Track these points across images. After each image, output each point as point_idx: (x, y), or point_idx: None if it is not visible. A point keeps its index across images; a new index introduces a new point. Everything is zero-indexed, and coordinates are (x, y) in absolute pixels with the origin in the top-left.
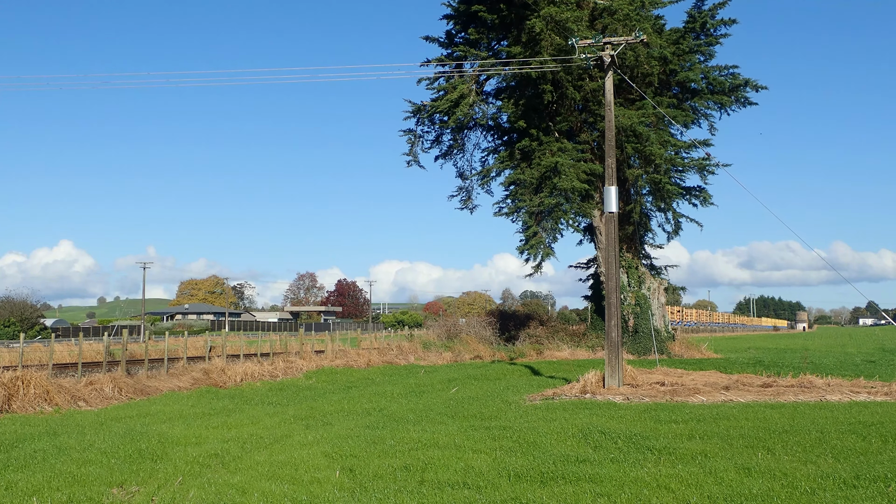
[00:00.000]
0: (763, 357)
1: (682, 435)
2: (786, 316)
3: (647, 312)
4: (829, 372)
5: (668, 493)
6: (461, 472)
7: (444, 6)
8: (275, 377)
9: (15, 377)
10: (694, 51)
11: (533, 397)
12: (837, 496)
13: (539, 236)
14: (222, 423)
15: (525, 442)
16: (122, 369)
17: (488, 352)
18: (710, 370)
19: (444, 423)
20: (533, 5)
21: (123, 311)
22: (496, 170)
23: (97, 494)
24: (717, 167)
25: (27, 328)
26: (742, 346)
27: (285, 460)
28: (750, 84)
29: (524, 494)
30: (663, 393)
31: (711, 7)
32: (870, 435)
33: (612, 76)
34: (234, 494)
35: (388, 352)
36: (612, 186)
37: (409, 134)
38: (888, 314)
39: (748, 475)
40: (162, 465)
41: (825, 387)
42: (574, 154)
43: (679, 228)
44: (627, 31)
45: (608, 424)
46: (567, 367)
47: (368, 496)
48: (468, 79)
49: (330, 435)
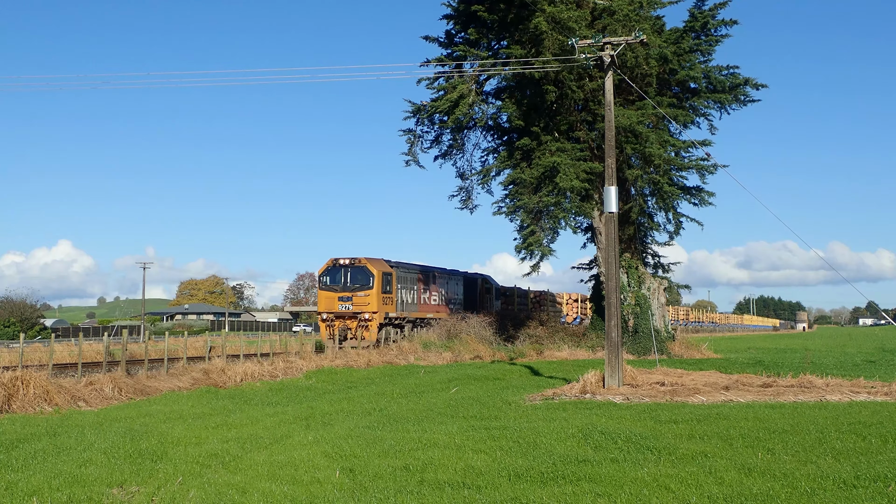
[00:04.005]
0: (763, 357)
1: (682, 435)
2: (786, 316)
3: (647, 312)
4: (829, 372)
5: (668, 493)
6: (461, 472)
7: (444, 6)
8: (275, 377)
9: (15, 377)
10: (694, 50)
11: (533, 397)
12: (837, 496)
13: (537, 235)
14: (222, 423)
15: (525, 442)
16: (122, 369)
17: (488, 352)
18: (709, 370)
19: (444, 423)
20: (533, 5)
21: (123, 311)
22: (496, 169)
23: (97, 494)
24: (716, 167)
25: (27, 328)
26: (742, 346)
27: (285, 460)
28: (750, 83)
29: (524, 494)
30: (663, 393)
31: (712, 7)
32: (870, 435)
33: (612, 76)
34: (233, 494)
35: (388, 352)
36: (612, 186)
37: (408, 134)
38: (888, 314)
39: (748, 475)
40: (162, 465)
41: (825, 387)
42: (574, 154)
43: (680, 228)
44: (627, 31)
45: (608, 424)
46: (567, 367)
47: (368, 496)
48: (468, 79)
49: (330, 435)
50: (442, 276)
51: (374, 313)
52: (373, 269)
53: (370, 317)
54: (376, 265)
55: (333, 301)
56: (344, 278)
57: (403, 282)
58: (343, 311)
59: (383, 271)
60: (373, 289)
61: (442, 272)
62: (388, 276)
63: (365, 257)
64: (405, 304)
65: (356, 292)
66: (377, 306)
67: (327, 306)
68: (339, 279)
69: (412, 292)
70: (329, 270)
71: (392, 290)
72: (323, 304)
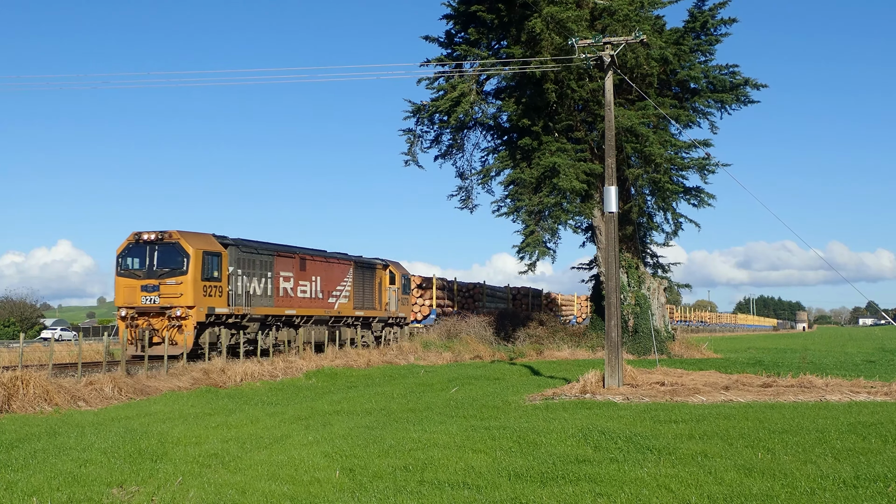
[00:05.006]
0: (763, 357)
1: (682, 435)
2: (786, 316)
3: (647, 312)
4: (829, 372)
5: (668, 493)
6: (461, 471)
7: (444, 6)
8: (274, 377)
9: (15, 377)
10: (694, 50)
11: (533, 397)
12: (837, 496)
13: (537, 235)
14: (222, 423)
15: (525, 442)
16: (122, 369)
17: (488, 352)
18: (709, 370)
19: (444, 423)
20: (533, 5)
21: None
22: (496, 169)
23: (97, 494)
24: (717, 167)
25: (27, 328)
26: (742, 346)
27: (285, 460)
28: (750, 83)
29: (524, 494)
30: (663, 393)
31: (712, 7)
32: (870, 435)
33: (612, 76)
34: (233, 494)
35: (388, 352)
36: (612, 186)
37: (408, 133)
38: (888, 314)
39: (748, 475)
40: (162, 464)
41: (825, 387)
42: (574, 154)
43: (679, 228)
44: (627, 31)
45: (608, 424)
46: (567, 367)
47: (368, 496)
48: (468, 78)
49: (330, 435)
50: (319, 261)
51: (190, 308)
52: (188, 247)
53: (183, 313)
54: (195, 241)
55: (135, 291)
56: (150, 259)
57: (247, 266)
58: (148, 304)
59: (205, 250)
60: (187, 274)
61: (320, 255)
62: (214, 256)
63: (179, 230)
64: (250, 296)
65: (165, 279)
66: (194, 298)
67: (127, 298)
68: (143, 261)
69: (264, 281)
70: (130, 249)
71: (222, 276)
72: (121, 296)
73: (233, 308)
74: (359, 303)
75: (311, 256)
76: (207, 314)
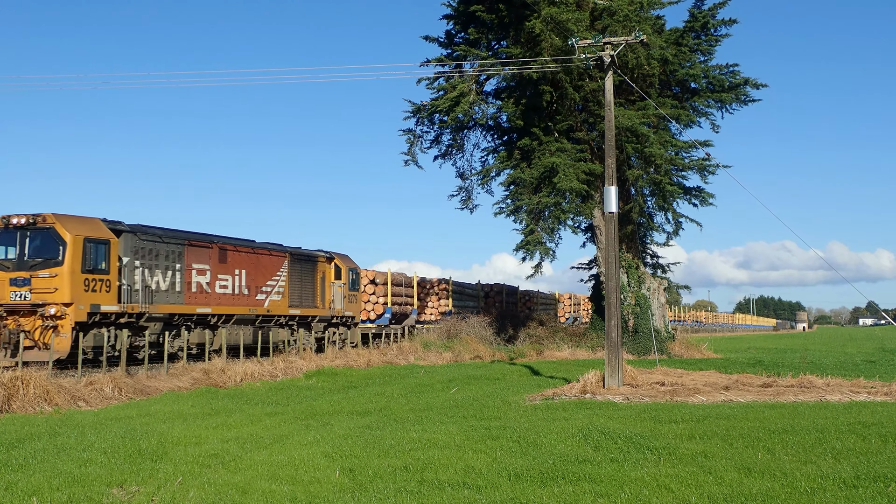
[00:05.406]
0: (763, 357)
1: (682, 435)
2: (786, 316)
3: (647, 312)
4: (829, 372)
5: (668, 493)
6: (461, 471)
7: (444, 6)
8: (274, 377)
9: (15, 377)
10: (694, 50)
11: (533, 397)
12: (837, 496)
13: (537, 235)
14: (222, 423)
15: (525, 442)
16: (122, 369)
17: (488, 352)
18: (709, 370)
19: (443, 423)
20: (533, 6)
21: None
22: (496, 169)
23: (97, 494)
24: (717, 167)
25: None
26: (742, 346)
27: (285, 460)
28: (750, 83)
29: (524, 494)
30: (663, 393)
31: (712, 6)
32: (870, 435)
33: (612, 76)
34: (233, 494)
35: (388, 352)
36: (612, 186)
37: (408, 134)
38: (888, 314)
39: (748, 475)
40: (162, 464)
41: (825, 387)
42: (573, 154)
43: (679, 228)
44: (627, 31)
45: (608, 424)
46: (567, 367)
47: (368, 496)
48: (468, 78)
49: (330, 435)
50: (244, 253)
51: (67, 305)
52: (64, 234)
53: (58, 311)
54: (74, 226)
55: (3, 285)
56: (20, 248)
57: (147, 257)
58: (17, 301)
59: (87, 237)
60: (63, 265)
61: (246, 246)
62: (100, 245)
63: (55, 213)
64: (152, 292)
65: (37, 271)
66: (71, 294)
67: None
68: (12, 250)
69: (171, 274)
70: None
71: (110, 267)
72: None
73: (125, 306)
74: (295, 300)
75: (233, 247)
76: (90, 313)
